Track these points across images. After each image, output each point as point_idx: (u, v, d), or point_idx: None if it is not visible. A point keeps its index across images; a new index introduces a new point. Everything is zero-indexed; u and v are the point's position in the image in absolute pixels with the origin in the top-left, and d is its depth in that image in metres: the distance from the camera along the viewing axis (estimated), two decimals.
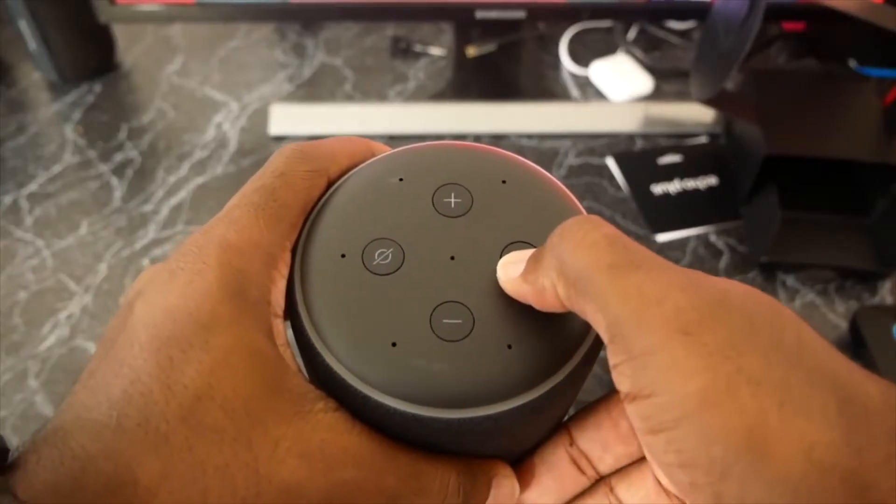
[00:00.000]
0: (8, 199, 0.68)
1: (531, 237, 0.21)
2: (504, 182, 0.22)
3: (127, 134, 0.74)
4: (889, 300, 0.62)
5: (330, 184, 0.22)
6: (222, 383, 0.17)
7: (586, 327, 0.20)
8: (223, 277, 0.19)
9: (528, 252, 0.20)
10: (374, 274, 0.20)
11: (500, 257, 0.20)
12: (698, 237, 0.66)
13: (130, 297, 0.20)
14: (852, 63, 0.79)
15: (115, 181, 0.70)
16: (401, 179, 0.22)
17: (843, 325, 0.59)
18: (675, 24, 0.86)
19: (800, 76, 0.72)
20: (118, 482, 0.16)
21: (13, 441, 0.57)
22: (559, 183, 0.23)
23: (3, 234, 0.65)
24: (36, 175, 0.70)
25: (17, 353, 0.57)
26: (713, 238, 0.66)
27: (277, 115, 0.75)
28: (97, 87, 0.78)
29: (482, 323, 0.19)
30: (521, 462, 0.23)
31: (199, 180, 0.70)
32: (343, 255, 0.20)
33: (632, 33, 0.85)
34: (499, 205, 0.21)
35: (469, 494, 0.21)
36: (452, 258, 0.20)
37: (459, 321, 0.19)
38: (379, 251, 0.20)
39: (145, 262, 0.63)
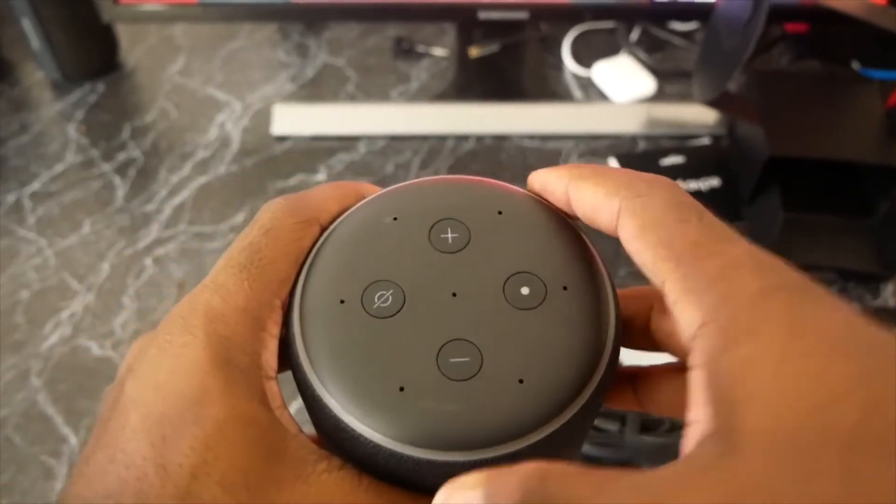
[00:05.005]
0: (11, 198, 0.68)
1: (532, 267, 0.20)
2: (500, 213, 0.21)
3: (130, 133, 0.74)
4: (892, 303, 0.61)
5: (322, 231, 0.22)
6: (218, 457, 0.17)
7: (598, 354, 0.19)
8: (210, 348, 0.18)
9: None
10: (376, 317, 0.19)
11: (503, 291, 0.20)
12: None
13: (122, 374, 0.19)
14: (855, 65, 0.79)
15: (117, 180, 0.70)
16: (395, 219, 0.21)
17: None
18: (678, 26, 0.86)
19: (803, 78, 0.71)
20: None
21: (16, 440, 0.56)
22: (555, 207, 0.22)
23: (6, 233, 0.65)
24: (39, 174, 0.70)
25: (20, 352, 0.57)
26: None
27: (280, 115, 0.75)
28: (100, 87, 0.78)
29: (491, 359, 0.19)
30: None
31: (202, 180, 0.70)
32: (342, 301, 0.20)
33: (634, 34, 0.85)
34: (497, 236, 0.21)
35: None
36: (454, 294, 0.20)
37: (467, 359, 0.19)
38: (378, 293, 0.20)
39: (148, 261, 0.63)
